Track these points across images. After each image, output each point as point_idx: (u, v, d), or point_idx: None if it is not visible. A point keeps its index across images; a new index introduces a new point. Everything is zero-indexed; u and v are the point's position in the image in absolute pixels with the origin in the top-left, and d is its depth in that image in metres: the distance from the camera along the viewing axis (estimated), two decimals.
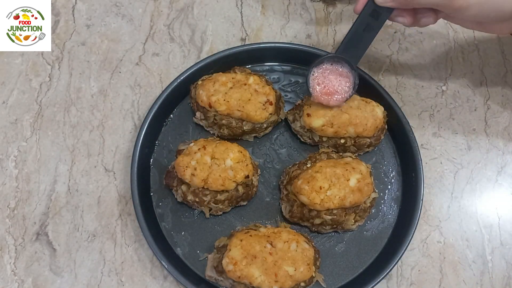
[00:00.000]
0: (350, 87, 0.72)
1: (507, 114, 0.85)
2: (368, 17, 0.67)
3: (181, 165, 0.70)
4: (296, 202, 0.71)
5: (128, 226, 0.76)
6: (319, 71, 0.72)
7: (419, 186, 0.74)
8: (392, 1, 0.63)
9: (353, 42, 0.69)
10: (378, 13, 0.66)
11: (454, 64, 0.89)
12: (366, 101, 0.76)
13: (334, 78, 0.72)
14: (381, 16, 0.66)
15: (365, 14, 0.67)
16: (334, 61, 0.72)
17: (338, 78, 0.72)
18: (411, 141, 0.76)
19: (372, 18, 0.67)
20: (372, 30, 0.68)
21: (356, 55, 0.70)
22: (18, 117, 0.83)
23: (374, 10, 0.66)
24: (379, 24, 0.67)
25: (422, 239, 0.76)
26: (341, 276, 0.72)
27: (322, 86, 0.72)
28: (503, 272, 0.75)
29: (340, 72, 0.72)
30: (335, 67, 0.72)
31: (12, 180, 0.79)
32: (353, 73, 0.71)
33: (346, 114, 0.73)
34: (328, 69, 0.72)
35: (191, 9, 0.92)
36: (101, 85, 0.86)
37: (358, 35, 0.69)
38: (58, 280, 0.73)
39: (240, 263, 0.64)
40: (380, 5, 0.64)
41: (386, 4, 0.64)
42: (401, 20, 0.67)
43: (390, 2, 0.63)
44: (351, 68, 0.71)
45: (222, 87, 0.75)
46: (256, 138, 0.81)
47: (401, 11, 0.65)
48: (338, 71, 0.72)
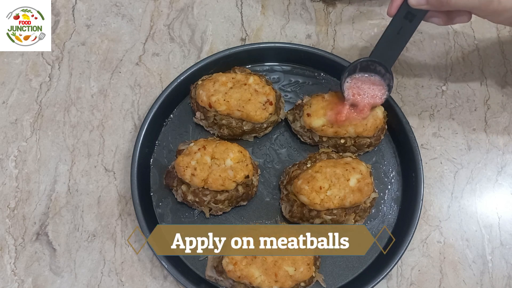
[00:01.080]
0: (384, 93, 0.72)
1: (507, 114, 0.85)
2: (402, 20, 0.66)
3: (181, 165, 0.70)
4: (296, 202, 0.71)
5: (128, 226, 0.76)
6: (350, 81, 0.72)
7: (419, 186, 0.74)
8: (427, 4, 0.62)
9: (386, 45, 0.69)
10: (412, 15, 0.65)
11: (454, 64, 0.89)
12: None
13: (367, 87, 0.72)
14: (415, 18, 0.66)
15: (399, 17, 0.66)
16: (365, 67, 0.72)
17: (372, 87, 0.72)
18: (411, 141, 0.76)
19: (406, 21, 0.66)
20: (406, 32, 0.67)
21: (389, 58, 0.70)
22: (18, 117, 0.83)
23: (408, 12, 0.65)
24: (413, 27, 0.67)
25: (422, 239, 0.76)
26: (341, 276, 0.72)
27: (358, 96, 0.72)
28: (503, 272, 0.75)
29: (372, 80, 0.72)
30: (366, 76, 0.72)
31: (12, 180, 0.79)
32: (387, 76, 0.71)
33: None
34: (360, 79, 0.72)
35: (191, 9, 0.92)
36: (101, 85, 0.86)
37: (391, 38, 0.68)
38: (58, 280, 0.73)
39: (240, 263, 0.64)
40: (414, 7, 0.63)
41: (420, 7, 0.63)
42: (436, 21, 0.66)
43: (425, 5, 0.62)
44: (385, 71, 0.71)
45: (222, 87, 0.75)
46: (256, 138, 0.81)
47: (435, 12, 0.65)
48: (369, 80, 0.72)
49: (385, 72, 0.71)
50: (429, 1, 0.62)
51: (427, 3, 0.62)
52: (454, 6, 0.60)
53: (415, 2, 0.63)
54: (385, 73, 0.71)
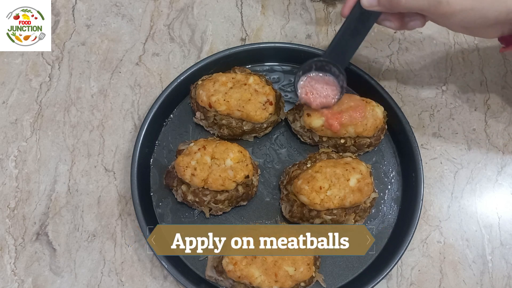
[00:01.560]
0: (336, 94, 0.72)
1: (507, 114, 0.85)
2: (355, 21, 0.66)
3: (181, 165, 0.70)
4: (296, 202, 0.71)
5: (128, 226, 0.76)
6: (305, 79, 0.72)
7: (419, 186, 0.74)
8: (378, 5, 0.62)
9: (340, 46, 0.69)
10: (365, 17, 0.65)
11: (454, 64, 0.89)
12: (366, 101, 0.76)
13: (321, 87, 0.72)
14: (368, 20, 0.66)
15: (352, 18, 0.66)
16: (321, 67, 0.72)
17: (325, 86, 0.72)
18: (411, 141, 0.76)
19: (359, 22, 0.66)
20: (359, 34, 0.67)
21: (343, 59, 0.70)
22: (18, 117, 0.83)
23: (361, 13, 0.65)
24: (366, 28, 0.67)
25: (422, 239, 0.76)
26: (341, 276, 0.72)
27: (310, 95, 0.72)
28: (503, 272, 0.75)
29: (326, 80, 0.72)
30: (320, 75, 0.72)
31: (12, 180, 0.79)
32: (341, 77, 0.71)
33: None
34: (314, 79, 0.72)
35: (191, 9, 0.92)
36: (101, 85, 0.86)
37: (345, 39, 0.68)
38: (58, 280, 0.73)
39: (240, 263, 0.64)
40: (367, 8, 0.63)
41: (372, 8, 0.63)
42: (388, 24, 0.66)
43: (377, 6, 0.63)
44: (339, 72, 0.71)
45: (222, 87, 0.75)
46: (256, 138, 0.81)
47: (388, 15, 0.65)
48: (324, 79, 0.72)
49: (338, 73, 0.71)
50: (380, 2, 0.62)
51: (379, 4, 0.62)
52: (404, 7, 0.60)
53: (367, 3, 0.63)
54: (339, 74, 0.71)
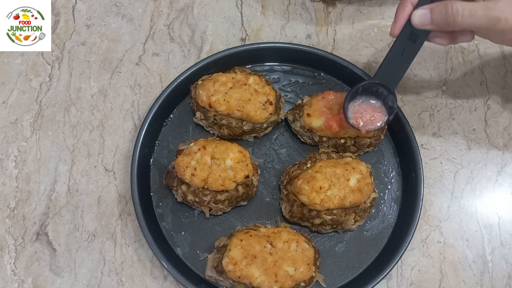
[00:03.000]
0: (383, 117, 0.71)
1: (507, 114, 0.85)
2: (405, 41, 0.65)
3: (181, 165, 0.70)
4: (296, 202, 0.71)
5: (128, 226, 0.76)
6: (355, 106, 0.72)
7: (419, 186, 0.74)
8: (431, 24, 0.61)
9: (390, 66, 0.68)
10: (416, 36, 0.64)
11: (454, 64, 0.89)
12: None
13: (370, 116, 0.71)
14: (419, 39, 0.65)
15: (402, 38, 0.65)
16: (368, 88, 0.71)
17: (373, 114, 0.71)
18: (411, 141, 0.76)
19: (409, 41, 0.65)
20: (409, 53, 0.66)
21: (394, 80, 0.69)
22: (18, 117, 0.83)
23: (412, 32, 0.64)
24: (417, 47, 0.66)
25: (422, 239, 0.76)
26: (341, 276, 0.72)
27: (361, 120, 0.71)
28: (503, 272, 0.75)
29: (373, 107, 0.72)
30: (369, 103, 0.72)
31: (12, 180, 0.79)
32: (391, 97, 0.70)
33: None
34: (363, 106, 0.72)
35: (191, 9, 0.92)
36: (101, 85, 0.86)
37: (395, 59, 0.67)
38: (58, 280, 0.73)
39: (240, 263, 0.64)
40: (418, 27, 0.62)
41: (425, 27, 0.62)
42: (439, 41, 0.65)
43: (429, 25, 0.61)
44: (388, 93, 0.70)
45: (222, 87, 0.75)
46: (256, 138, 0.81)
47: (439, 32, 0.64)
48: (372, 106, 0.72)
49: (387, 93, 0.70)
50: (434, 21, 0.61)
51: (432, 24, 0.61)
52: (460, 26, 0.59)
53: (419, 22, 0.62)
54: (388, 94, 0.70)
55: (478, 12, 0.57)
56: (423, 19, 0.61)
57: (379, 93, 0.71)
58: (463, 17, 0.58)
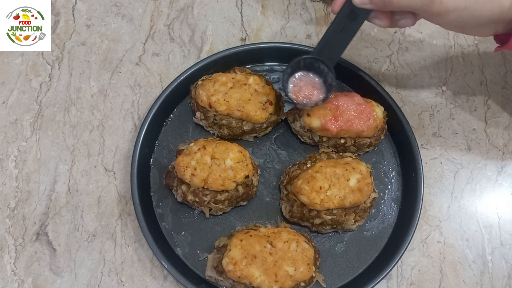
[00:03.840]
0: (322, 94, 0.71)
1: (507, 114, 0.85)
2: (345, 18, 0.65)
3: (181, 165, 0.70)
4: (296, 202, 0.71)
5: (128, 226, 0.76)
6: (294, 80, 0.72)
7: (419, 186, 0.74)
8: (370, 3, 0.61)
9: (330, 43, 0.68)
10: (355, 15, 0.64)
11: (454, 64, 0.89)
12: (366, 101, 0.76)
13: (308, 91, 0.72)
14: (358, 18, 0.65)
15: (342, 15, 0.65)
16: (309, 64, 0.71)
17: (313, 90, 0.72)
18: (411, 141, 0.76)
19: (349, 20, 0.65)
20: (349, 31, 0.66)
21: (333, 57, 0.69)
22: (18, 117, 0.83)
23: (352, 11, 0.64)
24: (356, 26, 0.66)
25: (422, 239, 0.76)
26: (341, 276, 0.72)
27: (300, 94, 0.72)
28: (503, 272, 0.75)
29: (312, 83, 0.72)
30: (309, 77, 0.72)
31: (12, 180, 0.79)
32: (330, 74, 0.70)
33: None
34: (303, 80, 0.72)
35: (191, 9, 0.92)
36: (101, 85, 0.86)
37: (335, 36, 0.67)
38: (58, 280, 0.73)
39: (240, 263, 0.64)
40: (358, 6, 0.62)
41: (363, 6, 0.62)
42: (378, 22, 0.65)
43: (368, 4, 0.62)
44: (328, 70, 0.70)
45: (222, 87, 0.75)
46: (256, 138, 0.81)
47: (379, 13, 0.64)
48: (311, 82, 0.72)
49: (327, 70, 0.70)
50: (372, 0, 0.61)
51: (371, 3, 0.61)
52: (397, 6, 0.59)
53: (359, 0, 0.62)
54: (328, 71, 0.70)
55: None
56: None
57: (320, 69, 0.71)
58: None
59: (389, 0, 0.59)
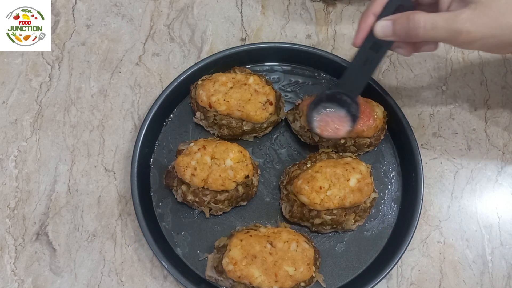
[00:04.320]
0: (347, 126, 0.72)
1: (507, 114, 0.85)
2: (368, 50, 0.65)
3: (181, 165, 0.70)
4: (296, 202, 0.71)
5: (128, 226, 0.76)
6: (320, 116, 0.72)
7: (419, 186, 0.74)
8: (393, 35, 0.61)
9: (353, 75, 0.68)
10: (378, 46, 0.64)
11: (454, 64, 0.89)
12: (366, 101, 0.76)
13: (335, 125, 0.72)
14: (382, 49, 0.65)
15: (365, 48, 0.65)
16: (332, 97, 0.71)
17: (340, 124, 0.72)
18: (411, 141, 0.76)
19: (372, 51, 0.65)
20: (372, 62, 0.67)
21: (356, 89, 0.69)
22: (18, 117, 0.83)
23: (375, 43, 0.64)
24: (379, 57, 0.66)
25: (422, 239, 0.76)
26: (341, 276, 0.72)
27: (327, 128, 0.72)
28: (503, 272, 0.75)
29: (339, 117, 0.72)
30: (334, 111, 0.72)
31: (12, 180, 0.79)
32: (354, 106, 0.70)
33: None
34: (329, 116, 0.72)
35: (191, 9, 0.92)
36: (101, 85, 0.86)
37: (358, 68, 0.67)
38: (58, 280, 0.73)
39: (240, 263, 0.64)
40: (381, 38, 0.62)
41: (387, 38, 0.62)
42: (401, 51, 0.65)
43: (392, 36, 0.61)
44: (351, 101, 0.70)
45: (222, 87, 0.75)
46: (256, 138, 0.81)
47: (402, 43, 0.64)
48: (337, 116, 0.72)
49: (351, 102, 0.70)
50: (396, 33, 0.60)
51: (394, 35, 0.61)
52: (422, 38, 0.59)
53: (382, 34, 0.61)
54: (351, 103, 0.70)
55: (440, 25, 0.57)
56: (386, 31, 0.61)
57: (343, 101, 0.71)
58: (425, 29, 0.58)
59: (414, 33, 0.58)
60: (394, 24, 0.60)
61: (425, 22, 0.57)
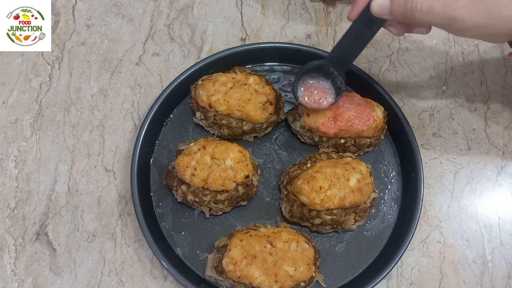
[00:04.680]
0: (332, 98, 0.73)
1: (507, 114, 0.85)
2: (361, 26, 0.65)
3: (181, 165, 0.70)
4: (296, 202, 0.71)
5: (128, 226, 0.76)
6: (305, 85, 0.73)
7: (419, 186, 0.74)
8: (390, 14, 0.61)
9: (343, 49, 0.69)
10: (372, 23, 0.64)
11: (454, 64, 0.89)
12: (366, 101, 0.76)
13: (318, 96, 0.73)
14: (375, 26, 0.65)
15: (359, 23, 0.65)
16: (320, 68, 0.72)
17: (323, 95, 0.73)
18: (411, 141, 0.76)
19: (365, 27, 0.65)
20: (363, 38, 0.67)
21: (344, 62, 0.70)
22: (18, 117, 0.83)
23: (369, 19, 0.64)
24: (371, 34, 0.66)
25: (422, 239, 0.76)
26: (341, 276, 0.72)
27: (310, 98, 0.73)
28: (503, 272, 0.75)
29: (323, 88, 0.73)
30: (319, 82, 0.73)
31: (12, 180, 0.79)
32: (340, 79, 0.71)
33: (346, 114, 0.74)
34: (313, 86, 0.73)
35: (191, 9, 0.92)
36: (101, 85, 0.86)
37: (349, 42, 0.68)
38: (58, 280, 0.73)
39: (240, 263, 0.64)
40: (376, 16, 0.62)
41: (382, 16, 0.62)
42: (393, 30, 0.65)
43: (387, 15, 0.61)
44: (338, 74, 0.71)
45: (222, 87, 0.75)
46: (256, 138, 0.81)
47: (395, 22, 0.64)
48: (322, 87, 0.73)
49: (337, 74, 0.71)
50: (392, 12, 0.60)
51: (390, 14, 0.61)
52: (417, 21, 0.59)
53: (378, 11, 0.61)
54: (338, 75, 0.71)
55: (436, 10, 0.57)
56: (382, 9, 0.61)
57: (329, 72, 0.72)
58: (421, 12, 0.58)
59: (410, 14, 0.58)
60: (392, 3, 0.60)
61: (422, 5, 0.57)
